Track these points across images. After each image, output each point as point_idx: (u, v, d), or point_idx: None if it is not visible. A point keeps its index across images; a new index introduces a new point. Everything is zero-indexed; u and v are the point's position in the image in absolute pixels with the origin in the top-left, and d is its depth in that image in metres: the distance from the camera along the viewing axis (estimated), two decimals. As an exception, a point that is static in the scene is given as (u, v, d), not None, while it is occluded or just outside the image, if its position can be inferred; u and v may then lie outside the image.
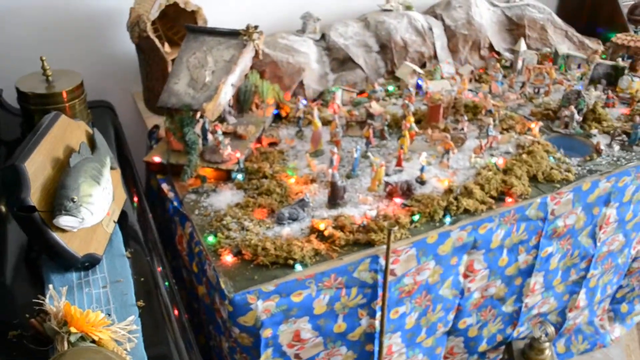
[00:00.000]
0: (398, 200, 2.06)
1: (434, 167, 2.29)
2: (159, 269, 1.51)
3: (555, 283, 2.54)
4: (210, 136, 2.20)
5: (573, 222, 2.38)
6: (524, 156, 2.34)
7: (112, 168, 1.61)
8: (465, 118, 2.54)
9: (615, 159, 2.47)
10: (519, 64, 3.22)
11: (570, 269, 2.55)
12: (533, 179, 2.27)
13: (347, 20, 3.09)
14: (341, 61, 2.91)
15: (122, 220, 1.60)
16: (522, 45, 3.25)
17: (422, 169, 2.17)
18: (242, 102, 2.45)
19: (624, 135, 2.62)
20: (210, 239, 1.86)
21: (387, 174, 2.20)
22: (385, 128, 2.48)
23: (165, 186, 2.10)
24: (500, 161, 2.32)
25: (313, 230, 1.92)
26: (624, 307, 3.05)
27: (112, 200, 1.54)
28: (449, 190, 2.10)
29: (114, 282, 1.34)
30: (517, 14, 3.51)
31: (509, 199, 2.15)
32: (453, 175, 2.23)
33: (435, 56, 3.17)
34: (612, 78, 3.10)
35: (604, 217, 2.48)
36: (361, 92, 2.87)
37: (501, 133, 2.57)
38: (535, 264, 2.35)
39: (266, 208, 1.99)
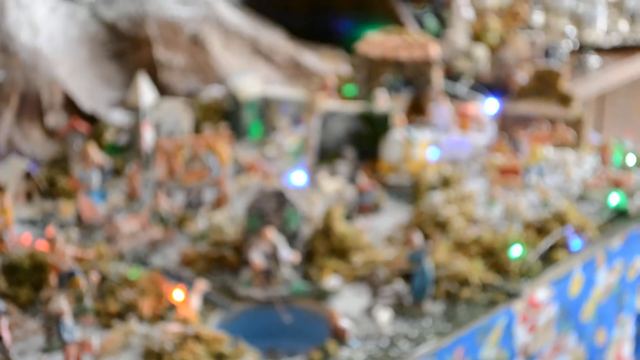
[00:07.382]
0: None
1: None
2: None
3: None
4: None
5: None
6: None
7: None
8: (3, 307, 2.55)
9: (387, 343, 2.62)
10: (147, 139, 3.30)
11: None
12: None
13: None
14: None
15: None
16: (145, 89, 3.32)
17: None
18: None
19: (402, 283, 2.78)
20: None
21: None
22: None
23: None
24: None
25: None
26: None
27: None
28: None
29: None
30: (132, 17, 3.65)
31: None
32: None
33: None
34: (365, 142, 3.33)
35: None
36: None
37: (106, 327, 2.68)
38: None
39: None
